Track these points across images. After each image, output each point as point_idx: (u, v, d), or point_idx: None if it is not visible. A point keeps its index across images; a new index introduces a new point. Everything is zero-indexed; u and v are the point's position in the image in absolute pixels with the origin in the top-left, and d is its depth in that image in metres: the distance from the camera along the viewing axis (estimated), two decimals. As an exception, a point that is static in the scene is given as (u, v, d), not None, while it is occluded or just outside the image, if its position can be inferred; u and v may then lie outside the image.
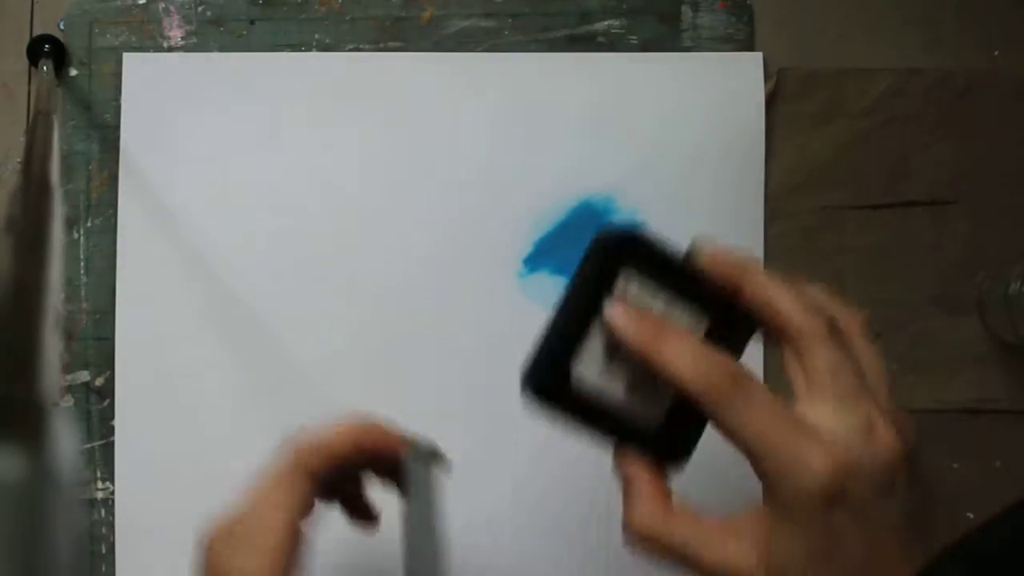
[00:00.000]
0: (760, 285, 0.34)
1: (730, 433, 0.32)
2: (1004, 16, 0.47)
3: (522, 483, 0.45)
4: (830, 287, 0.35)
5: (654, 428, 0.34)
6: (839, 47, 0.47)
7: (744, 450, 0.32)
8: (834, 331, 0.33)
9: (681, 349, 0.33)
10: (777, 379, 0.40)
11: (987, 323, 0.46)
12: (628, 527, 0.33)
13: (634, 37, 0.46)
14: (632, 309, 0.33)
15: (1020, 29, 0.47)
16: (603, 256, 0.34)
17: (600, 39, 0.47)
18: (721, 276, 0.34)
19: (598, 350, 0.34)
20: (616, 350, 0.34)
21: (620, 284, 0.34)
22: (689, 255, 0.35)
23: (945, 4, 0.47)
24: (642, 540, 0.33)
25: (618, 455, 0.35)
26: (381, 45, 0.47)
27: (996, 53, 0.47)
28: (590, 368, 0.34)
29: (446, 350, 0.46)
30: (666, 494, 0.34)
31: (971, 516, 0.45)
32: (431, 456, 0.38)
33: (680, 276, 0.34)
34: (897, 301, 0.46)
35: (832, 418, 0.32)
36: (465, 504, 0.46)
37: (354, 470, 0.38)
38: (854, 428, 0.32)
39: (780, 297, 0.33)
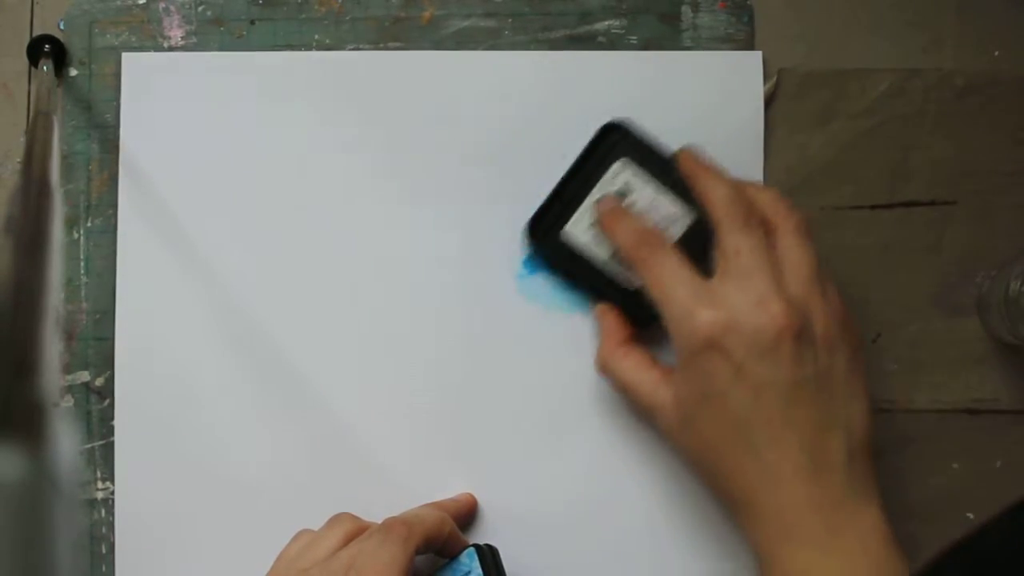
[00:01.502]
0: (704, 180, 0.41)
1: (649, 289, 0.40)
2: (1004, 16, 0.47)
3: (523, 483, 0.45)
4: (778, 194, 0.41)
5: (630, 292, 0.44)
6: (839, 47, 0.47)
7: (657, 304, 0.40)
8: (748, 221, 0.39)
9: (625, 225, 0.42)
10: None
11: (987, 323, 0.46)
12: (596, 359, 0.44)
13: (634, 37, 0.46)
14: (612, 198, 0.43)
15: (1020, 29, 0.47)
16: (601, 141, 0.44)
17: (600, 39, 0.47)
18: (685, 173, 0.42)
19: (590, 220, 0.44)
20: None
21: (616, 167, 0.44)
22: (673, 155, 0.43)
23: (945, 4, 0.47)
24: (600, 369, 0.43)
25: (598, 306, 0.44)
26: (381, 45, 0.47)
27: (996, 53, 0.47)
28: (582, 233, 0.44)
29: (446, 350, 0.46)
30: (627, 339, 0.43)
31: (971, 516, 0.45)
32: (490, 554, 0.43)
33: (670, 173, 0.43)
34: (897, 301, 0.46)
35: (730, 290, 0.38)
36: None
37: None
38: (746, 299, 0.38)
39: (713, 190, 0.40)
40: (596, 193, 0.44)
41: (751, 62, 0.46)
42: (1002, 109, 0.46)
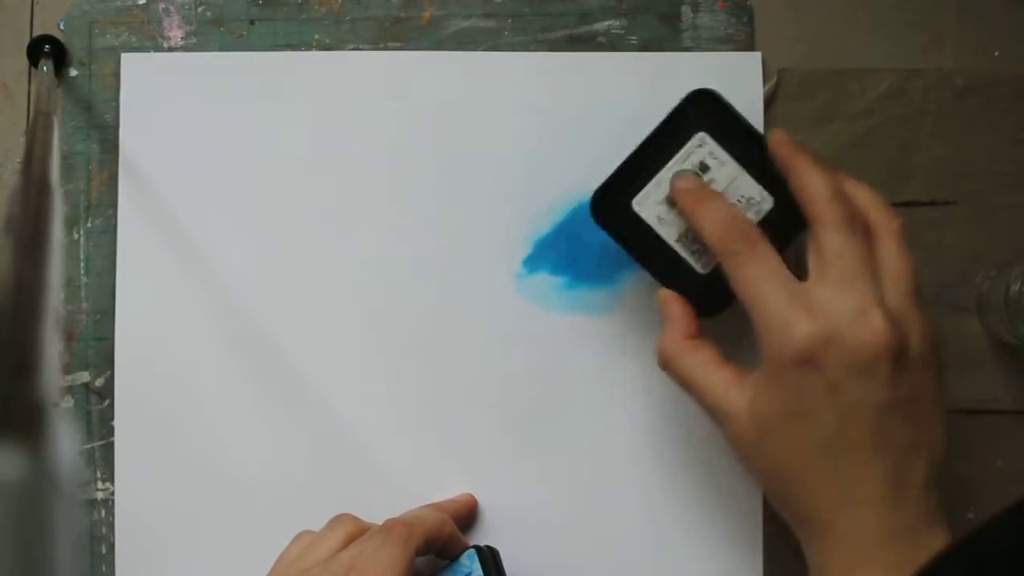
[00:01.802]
0: (802, 170, 0.37)
1: (738, 287, 0.36)
2: (1004, 16, 0.47)
3: (523, 483, 0.45)
4: (878, 194, 0.38)
5: (699, 278, 0.40)
6: (839, 47, 0.47)
7: (746, 304, 0.36)
8: (851, 222, 0.36)
9: (713, 209, 0.38)
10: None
11: (987, 323, 0.46)
12: (658, 350, 0.39)
13: (634, 37, 0.46)
14: (693, 176, 0.40)
15: (1020, 29, 0.47)
16: (684, 109, 0.41)
17: (600, 39, 0.47)
18: (779, 158, 0.38)
19: (662, 196, 0.40)
20: (674, 203, 0.40)
21: (695, 140, 0.40)
22: (763, 136, 0.40)
23: (945, 4, 0.47)
24: (664, 363, 0.39)
25: (662, 291, 0.40)
26: (381, 45, 0.47)
27: (996, 53, 0.47)
28: (651, 208, 0.41)
29: (445, 350, 0.46)
30: (693, 333, 0.39)
31: (971, 516, 0.45)
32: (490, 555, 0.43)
33: (753, 153, 0.40)
34: (897, 301, 0.46)
35: (830, 296, 0.35)
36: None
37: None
38: (846, 308, 0.35)
39: (812, 183, 0.37)
40: (673, 165, 0.40)
41: (750, 63, 0.46)
42: (1002, 109, 0.46)
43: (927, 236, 0.46)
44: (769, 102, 0.46)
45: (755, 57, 0.46)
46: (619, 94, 0.46)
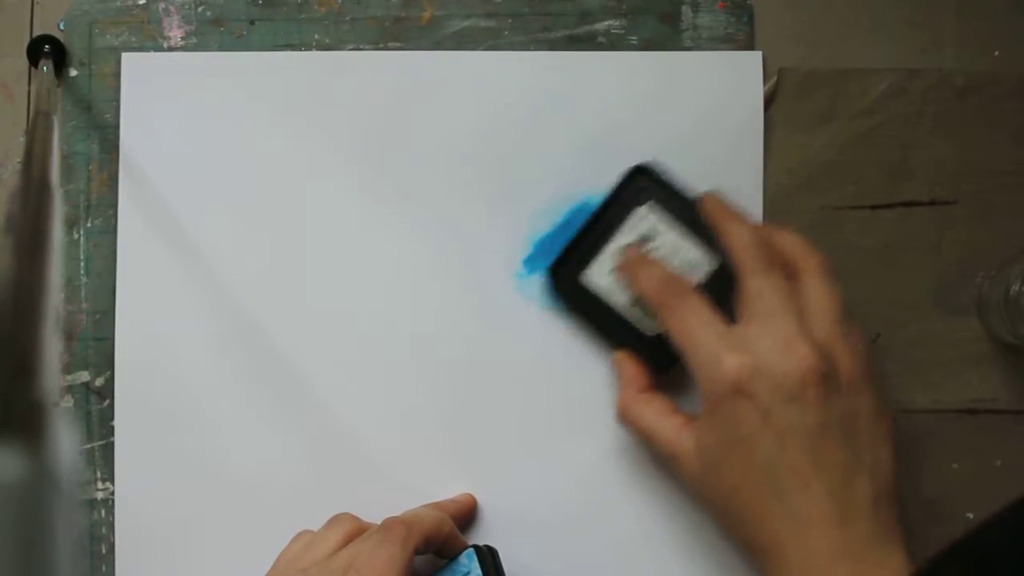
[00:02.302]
0: (727, 226, 0.41)
1: (674, 336, 0.40)
2: (1004, 16, 0.47)
3: (523, 484, 0.45)
4: (801, 237, 0.41)
5: (649, 338, 0.44)
6: (839, 47, 0.47)
7: (682, 350, 0.39)
8: (770, 265, 0.39)
9: (649, 271, 0.42)
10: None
11: (987, 323, 0.46)
12: (616, 405, 0.43)
13: (634, 37, 0.46)
14: (635, 247, 0.43)
15: (1020, 29, 0.47)
16: (628, 183, 0.44)
17: (600, 39, 0.47)
18: (709, 219, 0.42)
19: (610, 267, 0.44)
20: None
21: (641, 211, 0.44)
22: (697, 200, 0.43)
23: (945, 4, 0.47)
24: (621, 416, 0.43)
25: (616, 353, 0.44)
26: (381, 45, 0.47)
27: (996, 53, 0.47)
28: (602, 279, 0.44)
29: (445, 350, 0.46)
30: (647, 387, 0.43)
31: (971, 516, 0.45)
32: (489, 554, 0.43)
33: (693, 219, 0.43)
34: (897, 301, 0.46)
35: (754, 333, 0.38)
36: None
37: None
38: (771, 341, 0.37)
39: (735, 237, 0.40)
40: (619, 238, 0.44)
41: (751, 62, 0.46)
42: (1002, 109, 0.46)
43: (927, 236, 0.46)
44: (769, 102, 0.46)
45: (756, 56, 0.46)
46: (619, 93, 0.46)
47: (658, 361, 0.43)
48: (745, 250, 0.40)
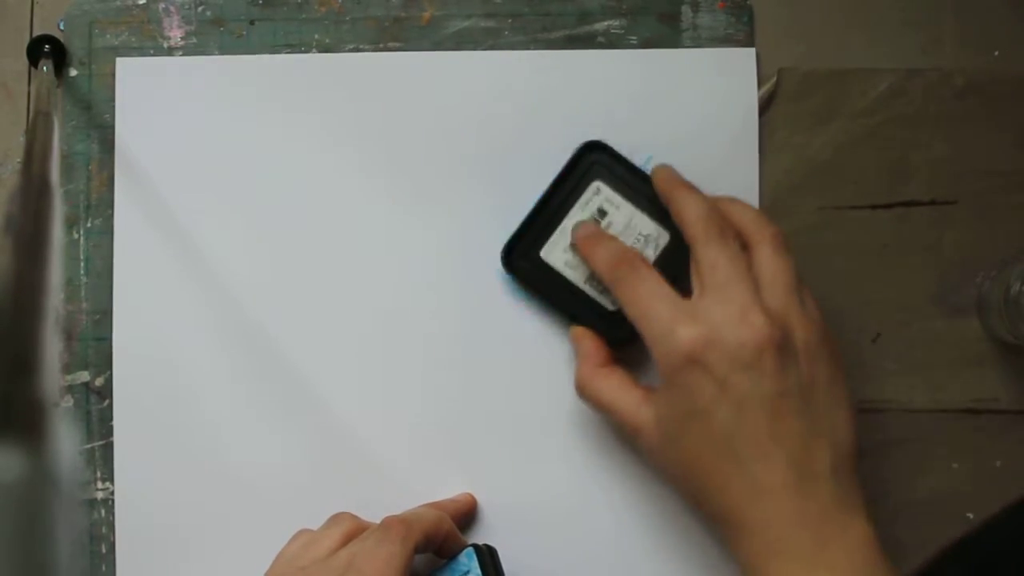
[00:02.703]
0: (679, 198, 0.41)
1: (627, 309, 0.40)
2: (1004, 16, 0.47)
3: (522, 483, 0.45)
4: (753, 208, 0.41)
5: (607, 313, 0.44)
6: (839, 47, 0.47)
7: (636, 323, 0.39)
8: (722, 236, 0.39)
9: (602, 247, 0.41)
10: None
11: (987, 323, 0.46)
12: (575, 379, 0.43)
13: (634, 37, 0.46)
14: (589, 223, 0.43)
15: (1020, 29, 0.47)
16: (578, 161, 0.44)
17: (600, 39, 0.47)
18: (661, 193, 0.42)
19: (566, 243, 0.44)
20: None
21: (592, 188, 0.44)
22: (649, 174, 0.43)
23: (945, 4, 0.47)
24: (580, 390, 0.42)
25: (574, 327, 0.44)
26: (381, 45, 0.47)
27: (996, 53, 0.47)
28: (559, 255, 0.44)
29: (445, 349, 0.46)
30: (605, 361, 0.42)
31: (971, 516, 0.45)
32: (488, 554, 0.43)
33: (646, 194, 0.43)
34: (897, 301, 0.46)
35: (708, 304, 0.38)
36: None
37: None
38: (726, 312, 0.37)
39: (687, 208, 0.40)
40: (573, 214, 0.44)
41: (745, 59, 0.46)
42: (1002, 109, 0.46)
43: (927, 236, 0.46)
44: (769, 102, 0.46)
45: (749, 53, 0.46)
46: (615, 91, 0.46)
47: (617, 336, 0.43)
48: (698, 221, 0.40)
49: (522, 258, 0.44)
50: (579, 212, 0.44)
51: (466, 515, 0.45)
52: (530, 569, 0.45)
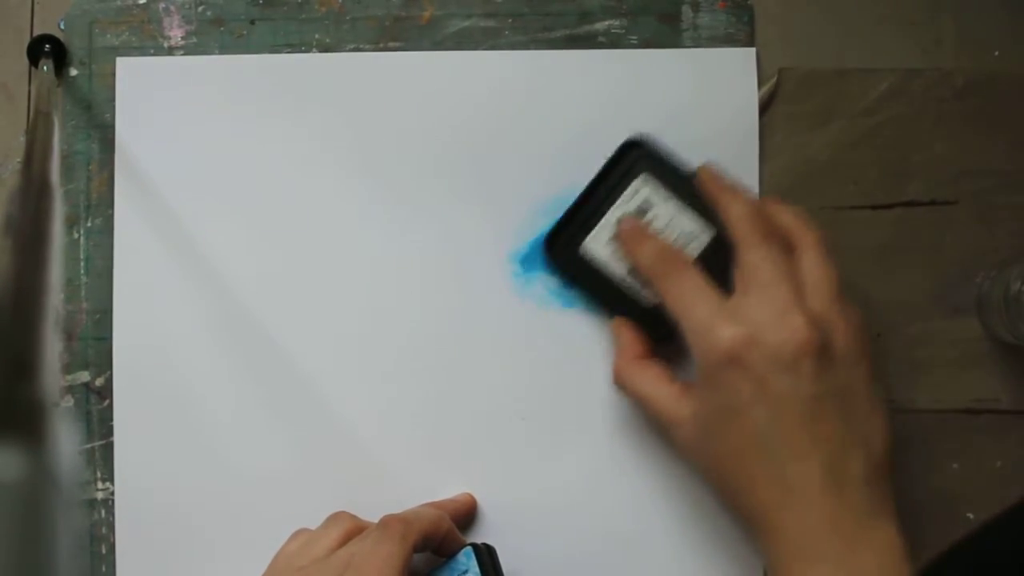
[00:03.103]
0: (725, 200, 0.41)
1: (669, 306, 0.40)
2: (1004, 16, 0.47)
3: (522, 482, 0.45)
4: (799, 211, 0.41)
5: (646, 308, 0.43)
6: (839, 47, 0.47)
7: (677, 320, 0.40)
8: (767, 238, 0.39)
9: (646, 243, 0.42)
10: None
11: (987, 323, 0.46)
12: (613, 370, 0.43)
13: (634, 37, 0.46)
14: (632, 218, 0.43)
15: (1020, 29, 0.47)
16: (623, 156, 0.44)
17: (600, 39, 0.47)
18: (706, 193, 0.42)
19: (608, 236, 0.44)
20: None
21: (637, 183, 0.44)
22: (693, 173, 0.43)
23: (945, 4, 0.47)
24: (617, 381, 0.43)
25: (615, 319, 0.44)
26: (381, 45, 0.47)
27: (996, 53, 0.47)
28: (600, 249, 0.44)
29: (444, 349, 0.46)
30: (644, 354, 0.43)
31: (971, 516, 0.45)
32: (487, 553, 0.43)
33: (690, 191, 0.43)
34: (897, 301, 0.46)
35: (751, 304, 0.38)
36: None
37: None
38: (766, 312, 0.38)
39: (733, 209, 0.40)
40: (616, 209, 0.44)
41: (745, 58, 0.46)
42: (1002, 109, 0.46)
43: (927, 236, 0.46)
44: (769, 102, 0.46)
45: (749, 53, 0.46)
46: (617, 91, 0.46)
47: (655, 331, 0.43)
48: (742, 222, 0.40)
49: (563, 250, 0.44)
50: (622, 207, 0.44)
51: (466, 515, 0.45)
52: (530, 569, 0.45)
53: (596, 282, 0.44)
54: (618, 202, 0.44)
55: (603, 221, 0.44)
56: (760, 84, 0.46)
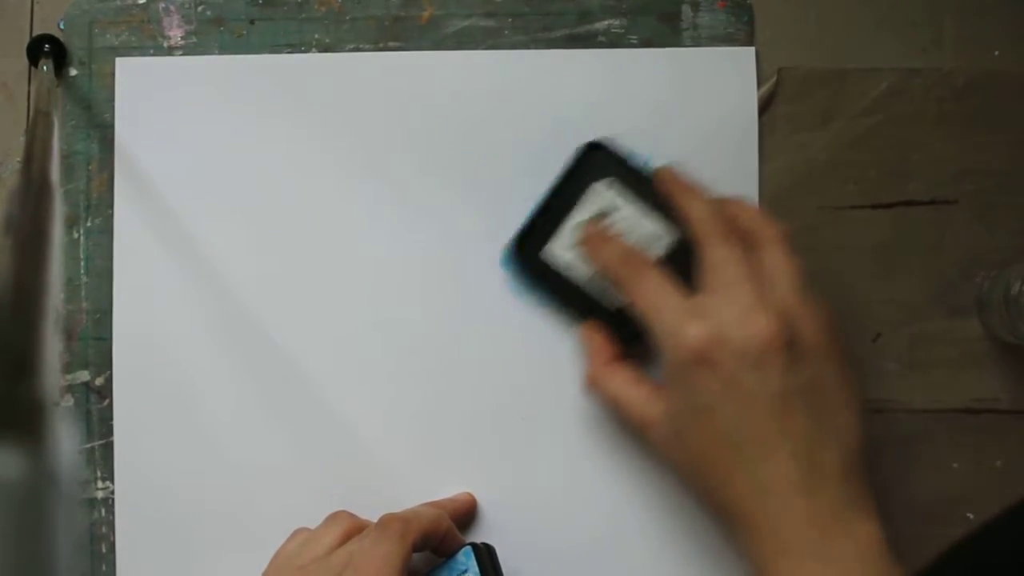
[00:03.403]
0: (684, 199, 0.41)
1: (636, 307, 0.40)
2: (1004, 16, 0.47)
3: (521, 482, 0.45)
4: (759, 208, 0.42)
5: (612, 312, 0.44)
6: (839, 47, 0.47)
7: (644, 321, 0.40)
8: (728, 236, 0.39)
9: (609, 246, 0.42)
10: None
11: (987, 323, 0.46)
12: (585, 377, 0.43)
13: (634, 37, 0.46)
14: (594, 221, 0.43)
15: (1020, 29, 0.47)
16: (583, 160, 0.44)
17: (600, 39, 0.47)
18: (665, 193, 0.42)
19: (570, 243, 0.44)
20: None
21: (599, 186, 0.44)
22: (653, 174, 0.43)
23: (945, 4, 0.47)
24: (589, 386, 0.43)
25: (583, 326, 0.44)
26: (381, 45, 0.47)
27: (996, 53, 0.47)
28: (562, 255, 0.44)
29: (444, 349, 0.46)
30: (614, 357, 0.43)
31: (971, 516, 0.45)
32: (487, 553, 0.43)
33: (650, 194, 0.43)
34: (897, 301, 0.46)
35: (716, 302, 0.38)
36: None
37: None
38: (732, 310, 0.37)
39: (692, 207, 0.40)
40: (578, 212, 0.44)
41: (745, 58, 0.46)
42: (1002, 109, 0.46)
43: (927, 236, 0.46)
44: (769, 102, 0.46)
45: (749, 53, 0.46)
46: (617, 91, 0.46)
47: (623, 334, 0.43)
48: (703, 221, 0.40)
49: (525, 257, 0.44)
50: (583, 212, 0.44)
51: (466, 515, 0.45)
52: (529, 569, 0.45)
53: (560, 288, 0.44)
54: (580, 206, 0.44)
55: (566, 226, 0.44)
56: (760, 84, 0.46)
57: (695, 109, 0.46)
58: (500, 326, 0.46)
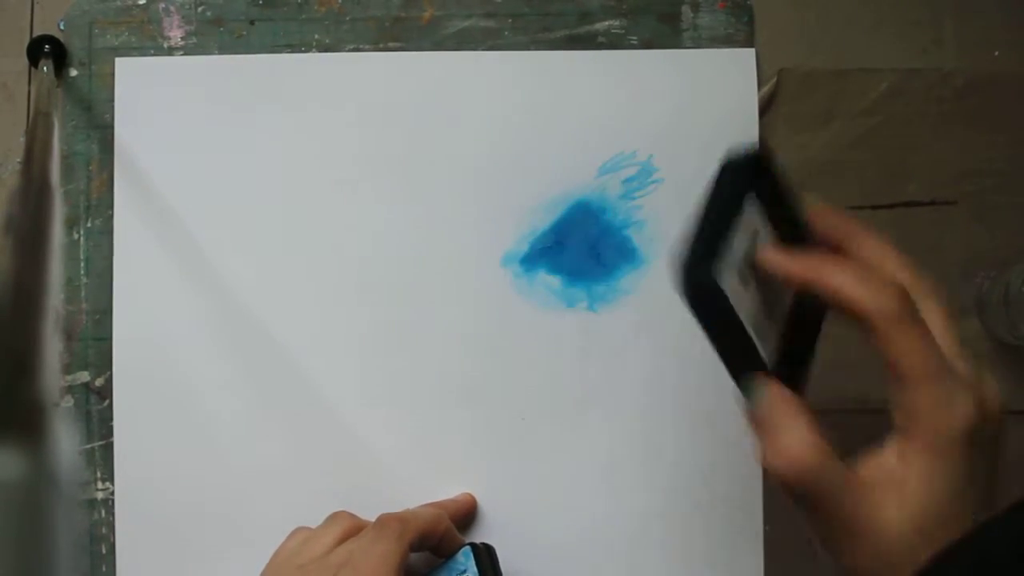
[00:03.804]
0: (830, 272, 0.33)
1: (892, 356, 0.31)
2: (1004, 16, 0.47)
3: (521, 482, 0.45)
4: (890, 246, 0.35)
5: (769, 355, 0.34)
6: (839, 47, 0.47)
7: (901, 376, 0.31)
8: (908, 310, 0.32)
9: (845, 273, 0.32)
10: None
11: (987, 323, 0.46)
12: (777, 459, 0.31)
13: (634, 37, 0.46)
14: (774, 246, 0.34)
15: (1020, 29, 0.47)
16: (732, 176, 0.35)
17: (600, 39, 0.47)
18: (822, 233, 0.35)
19: (734, 266, 0.34)
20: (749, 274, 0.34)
21: (748, 205, 0.35)
22: (804, 202, 0.36)
23: (945, 4, 0.47)
24: (797, 477, 0.31)
25: (754, 377, 0.33)
26: (381, 45, 0.47)
27: (996, 53, 0.47)
28: (726, 280, 0.33)
29: (444, 349, 0.46)
30: (814, 427, 0.31)
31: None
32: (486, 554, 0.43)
33: (789, 217, 0.35)
34: (897, 301, 0.46)
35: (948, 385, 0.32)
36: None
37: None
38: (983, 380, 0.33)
39: (850, 285, 0.32)
40: (734, 232, 0.34)
41: (745, 59, 0.46)
42: (1002, 109, 0.46)
43: (927, 236, 0.46)
44: (769, 102, 0.46)
45: (749, 54, 0.46)
46: (617, 91, 0.46)
47: (792, 381, 0.34)
48: (873, 301, 0.32)
49: (698, 281, 0.33)
50: (740, 230, 0.35)
51: (465, 515, 0.45)
52: (529, 569, 0.45)
53: (729, 322, 0.34)
54: (736, 226, 0.34)
55: (726, 247, 0.34)
56: (760, 84, 0.46)
57: (696, 110, 0.46)
58: (500, 326, 0.46)
